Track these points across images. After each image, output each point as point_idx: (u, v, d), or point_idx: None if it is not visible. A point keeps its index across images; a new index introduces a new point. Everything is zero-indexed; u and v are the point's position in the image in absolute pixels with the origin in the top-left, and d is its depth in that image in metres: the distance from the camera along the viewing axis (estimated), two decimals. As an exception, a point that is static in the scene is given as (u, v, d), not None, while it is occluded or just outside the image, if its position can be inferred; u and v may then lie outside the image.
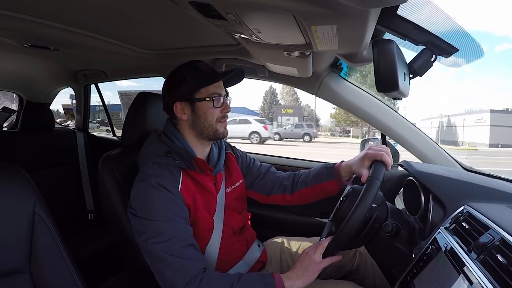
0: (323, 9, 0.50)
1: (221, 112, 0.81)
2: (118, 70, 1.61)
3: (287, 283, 0.69)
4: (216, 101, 0.79)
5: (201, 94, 0.78)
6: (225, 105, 0.82)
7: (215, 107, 0.79)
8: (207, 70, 0.81)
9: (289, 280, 0.70)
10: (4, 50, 1.19)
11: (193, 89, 0.78)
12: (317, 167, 0.92)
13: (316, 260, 0.71)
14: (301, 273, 0.71)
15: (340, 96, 1.10)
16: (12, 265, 0.59)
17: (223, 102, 0.81)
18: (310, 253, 0.72)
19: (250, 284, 0.67)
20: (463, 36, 0.66)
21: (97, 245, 1.43)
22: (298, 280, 0.70)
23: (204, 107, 0.79)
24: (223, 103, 0.81)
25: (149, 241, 0.67)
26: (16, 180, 0.63)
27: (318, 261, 0.71)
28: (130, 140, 0.94)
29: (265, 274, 0.70)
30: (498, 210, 0.60)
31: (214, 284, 0.65)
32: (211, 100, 0.78)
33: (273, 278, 0.68)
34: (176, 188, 0.73)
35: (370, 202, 0.64)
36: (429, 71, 0.70)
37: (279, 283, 0.68)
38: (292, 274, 0.71)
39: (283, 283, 0.68)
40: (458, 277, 0.49)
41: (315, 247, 0.73)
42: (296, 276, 0.71)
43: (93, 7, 0.77)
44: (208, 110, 0.79)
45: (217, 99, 0.79)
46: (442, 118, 25.28)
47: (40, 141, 1.66)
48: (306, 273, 0.70)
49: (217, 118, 0.80)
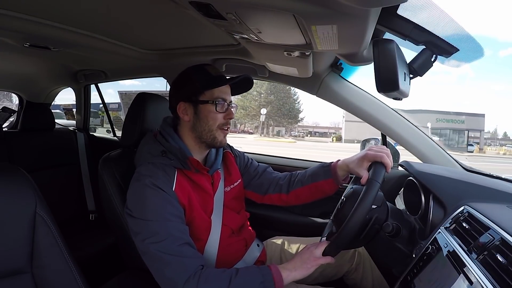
0: (323, 9, 0.50)
1: (223, 118, 0.80)
2: (118, 70, 1.61)
3: (284, 273, 0.70)
4: (220, 106, 0.78)
5: (205, 96, 0.78)
6: (229, 112, 0.81)
7: (218, 111, 0.78)
8: (215, 74, 0.80)
9: (286, 270, 0.71)
10: (4, 50, 1.19)
11: (197, 91, 0.78)
12: (314, 167, 0.92)
13: (316, 254, 0.72)
14: (299, 265, 0.72)
15: (340, 96, 1.10)
16: (13, 266, 0.60)
17: (227, 108, 0.80)
18: (311, 248, 0.74)
19: (248, 277, 0.67)
20: (463, 36, 0.66)
21: (98, 245, 1.43)
22: (295, 271, 0.71)
23: (207, 110, 0.78)
24: (227, 109, 0.81)
25: (145, 241, 0.67)
26: (17, 180, 0.63)
27: (318, 256, 0.72)
28: (130, 140, 0.94)
29: (262, 266, 0.71)
30: (498, 210, 0.60)
31: (213, 280, 0.65)
32: (214, 104, 0.78)
33: (270, 269, 0.69)
34: (170, 188, 0.73)
35: (369, 205, 0.64)
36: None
37: (276, 273, 0.69)
38: (289, 265, 0.72)
39: (280, 273, 0.69)
40: (458, 277, 0.49)
41: (317, 244, 0.75)
42: (294, 267, 0.72)
43: (93, 7, 0.77)
44: (210, 114, 0.78)
45: (221, 104, 0.79)
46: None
47: (40, 142, 1.66)
48: (304, 265, 0.72)
49: (218, 124, 0.80)
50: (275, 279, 0.67)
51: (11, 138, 1.56)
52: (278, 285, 0.67)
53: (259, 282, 0.66)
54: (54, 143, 1.73)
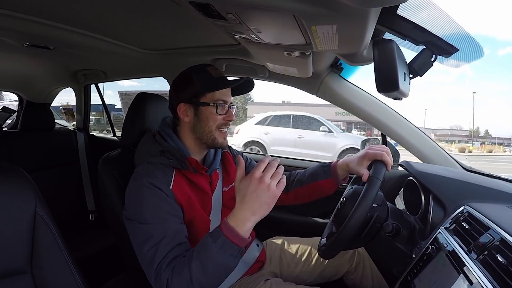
0: (323, 9, 0.50)
1: (223, 119, 0.80)
2: (118, 70, 1.61)
3: (242, 227, 0.60)
4: (220, 108, 0.78)
5: (206, 98, 0.78)
6: (229, 114, 0.81)
7: (219, 114, 0.78)
8: (216, 75, 0.80)
9: (244, 220, 0.60)
10: (4, 50, 1.19)
11: (198, 93, 0.78)
12: (313, 166, 0.92)
13: (269, 183, 0.60)
14: (256, 205, 0.60)
15: (340, 96, 1.10)
16: (13, 266, 0.60)
17: (227, 110, 0.80)
18: (256, 175, 0.61)
19: (201, 246, 0.62)
20: (463, 36, 0.66)
21: (98, 245, 1.43)
22: (255, 215, 0.61)
23: (208, 112, 0.78)
24: (227, 111, 0.80)
25: (141, 243, 0.67)
26: (17, 180, 0.63)
27: (272, 185, 0.60)
28: (130, 140, 0.94)
29: (214, 229, 0.63)
30: (498, 210, 0.60)
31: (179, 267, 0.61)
32: (215, 106, 0.78)
33: (220, 229, 0.61)
34: (167, 187, 0.73)
35: (371, 202, 0.64)
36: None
37: (226, 230, 0.60)
38: (245, 209, 0.61)
39: (231, 228, 0.60)
40: (458, 277, 0.49)
41: (259, 167, 0.62)
42: (251, 211, 0.60)
43: (93, 7, 0.77)
44: (211, 116, 0.78)
45: (222, 106, 0.78)
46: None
47: (40, 142, 1.66)
48: (263, 204, 0.60)
49: (217, 125, 0.79)
50: (229, 238, 0.60)
51: (11, 138, 1.56)
52: (239, 240, 0.60)
53: (217, 250, 0.59)
54: (54, 143, 1.73)
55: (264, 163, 0.63)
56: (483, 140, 29.24)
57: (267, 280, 0.84)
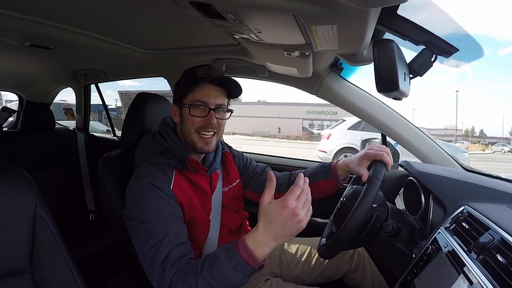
0: (323, 9, 0.50)
1: (203, 122, 0.75)
2: (118, 70, 1.61)
3: (260, 251, 0.57)
4: (197, 110, 0.75)
5: (187, 100, 0.77)
6: (209, 117, 0.75)
7: (192, 115, 0.75)
8: (200, 75, 0.76)
9: (264, 246, 0.57)
10: (4, 50, 1.19)
11: (182, 94, 0.78)
12: (313, 166, 0.92)
13: (299, 215, 0.56)
14: (280, 233, 0.56)
15: (340, 96, 1.10)
16: (13, 266, 0.59)
17: (208, 113, 0.75)
18: (289, 205, 0.55)
19: (214, 260, 0.60)
20: (463, 36, 0.66)
21: (98, 245, 1.43)
22: (275, 241, 0.57)
23: (186, 114, 0.77)
24: (208, 114, 0.75)
25: (142, 242, 0.67)
26: (17, 180, 0.63)
27: (301, 217, 0.56)
28: (130, 140, 0.94)
29: (229, 245, 0.61)
30: (498, 210, 0.60)
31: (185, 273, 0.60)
32: (189, 107, 0.76)
33: (237, 248, 0.58)
34: (168, 187, 0.73)
35: (371, 202, 0.64)
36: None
37: (243, 250, 0.57)
38: (268, 233, 0.57)
39: (248, 249, 0.57)
40: (458, 277, 0.49)
41: (290, 195, 0.56)
42: (274, 236, 0.56)
43: (93, 7, 0.77)
44: (189, 118, 0.76)
45: (196, 108, 0.75)
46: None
47: (40, 141, 1.66)
48: (286, 233, 0.57)
49: (196, 128, 0.76)
50: (245, 259, 0.57)
51: (11, 138, 1.56)
52: (254, 262, 0.58)
53: (230, 269, 0.57)
54: (54, 143, 1.73)
55: (299, 187, 0.57)
56: (477, 139, 29.39)
57: (267, 280, 0.84)
